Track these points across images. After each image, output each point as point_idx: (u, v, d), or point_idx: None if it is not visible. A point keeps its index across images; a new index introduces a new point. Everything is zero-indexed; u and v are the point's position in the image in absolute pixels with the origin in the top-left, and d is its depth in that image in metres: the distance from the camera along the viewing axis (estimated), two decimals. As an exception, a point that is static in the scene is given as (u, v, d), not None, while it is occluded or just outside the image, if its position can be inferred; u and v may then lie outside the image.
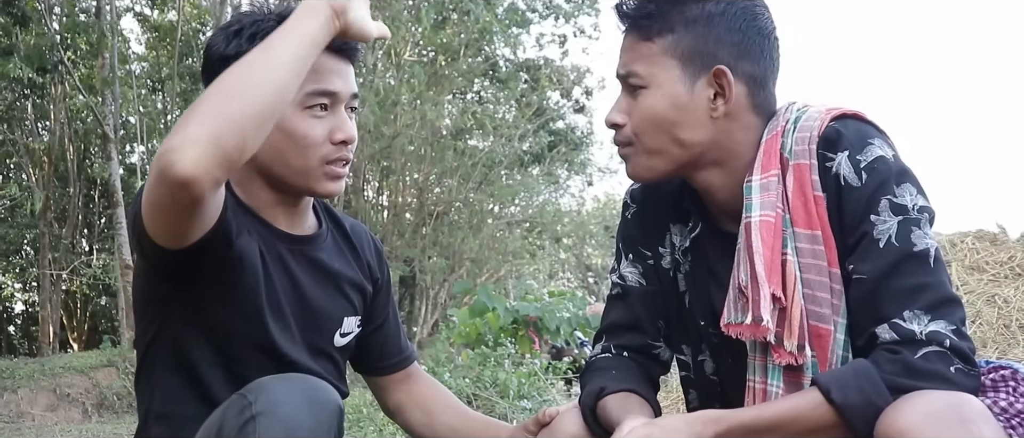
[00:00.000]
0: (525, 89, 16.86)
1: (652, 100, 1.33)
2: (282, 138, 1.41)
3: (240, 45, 1.42)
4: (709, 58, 1.31)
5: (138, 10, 15.72)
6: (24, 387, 9.72)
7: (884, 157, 1.27)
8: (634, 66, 1.35)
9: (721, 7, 1.32)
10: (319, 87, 1.43)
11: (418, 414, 1.75)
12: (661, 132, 1.34)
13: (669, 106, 1.33)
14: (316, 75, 1.40)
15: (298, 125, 1.42)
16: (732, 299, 1.33)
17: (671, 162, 1.36)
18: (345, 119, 1.46)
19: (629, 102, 1.36)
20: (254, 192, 1.49)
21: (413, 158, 15.69)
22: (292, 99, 1.32)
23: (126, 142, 15.50)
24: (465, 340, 9.41)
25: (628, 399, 1.39)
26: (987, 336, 3.06)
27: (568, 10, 16.01)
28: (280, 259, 1.50)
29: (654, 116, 1.33)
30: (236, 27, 1.46)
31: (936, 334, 1.18)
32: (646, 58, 1.34)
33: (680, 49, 1.32)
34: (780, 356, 1.29)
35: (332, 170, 1.46)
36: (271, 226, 1.50)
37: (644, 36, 1.34)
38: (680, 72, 1.32)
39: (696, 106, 1.33)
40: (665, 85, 1.33)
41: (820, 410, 1.19)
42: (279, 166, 1.45)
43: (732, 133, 1.34)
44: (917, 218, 1.24)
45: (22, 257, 18.42)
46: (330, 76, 1.45)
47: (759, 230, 1.30)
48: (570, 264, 29.38)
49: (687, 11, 1.32)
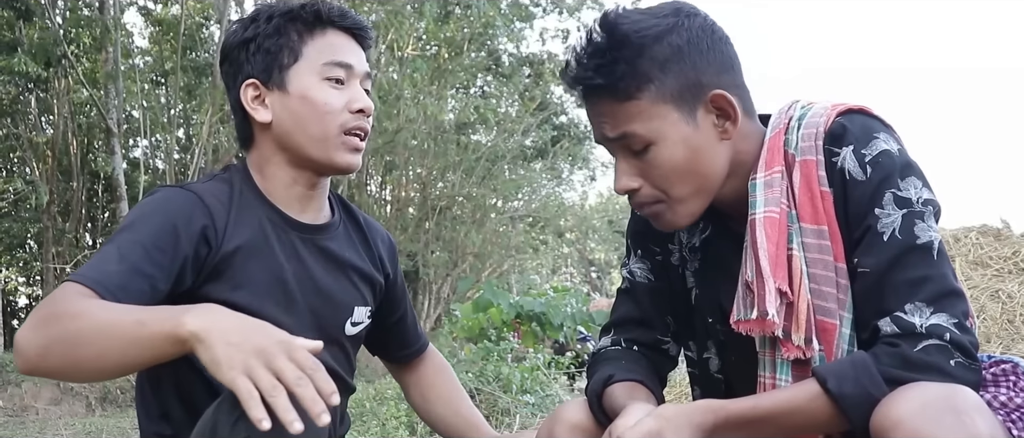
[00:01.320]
0: (528, 83, 16.86)
1: (667, 153, 1.29)
2: (302, 105, 1.49)
3: (258, 27, 1.52)
4: (697, 88, 1.29)
5: (141, 4, 15.72)
6: (28, 381, 9.74)
7: (889, 151, 1.27)
8: (628, 127, 1.29)
9: (683, 37, 1.28)
10: (336, 58, 1.52)
11: (417, 397, 1.87)
12: (689, 177, 1.31)
13: (686, 151, 1.29)
14: (332, 49, 1.52)
15: (318, 93, 1.50)
16: (740, 295, 1.34)
17: (706, 198, 1.34)
18: (361, 91, 1.54)
19: (635, 163, 1.32)
20: (271, 173, 1.54)
21: (416, 153, 15.69)
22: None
23: (130, 136, 15.52)
24: (468, 334, 9.43)
25: (635, 388, 1.39)
26: (991, 331, 3.06)
27: (572, 5, 15.98)
28: (292, 246, 1.53)
29: (676, 167, 1.30)
30: (253, 15, 1.57)
31: (937, 327, 1.18)
32: (639, 116, 1.28)
33: (668, 92, 1.28)
34: (788, 350, 1.29)
35: (351, 141, 1.52)
36: (284, 214, 1.54)
37: (624, 96, 1.28)
38: (678, 114, 1.29)
39: (707, 138, 1.31)
40: (672, 133, 1.29)
41: (817, 401, 1.19)
42: (299, 135, 1.50)
43: (738, 144, 1.34)
44: (921, 211, 1.24)
45: (26, 251, 18.45)
46: (345, 50, 1.54)
47: (763, 226, 1.30)
48: (573, 259, 29.41)
49: (656, 54, 1.27)
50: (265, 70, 1.51)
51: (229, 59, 1.56)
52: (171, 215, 1.39)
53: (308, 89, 1.50)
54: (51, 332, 1.20)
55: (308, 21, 1.52)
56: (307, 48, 1.51)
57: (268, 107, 1.52)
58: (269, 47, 1.51)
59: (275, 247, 1.50)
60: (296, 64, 1.51)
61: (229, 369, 1.09)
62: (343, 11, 1.55)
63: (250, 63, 1.52)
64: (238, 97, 1.53)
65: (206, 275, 1.42)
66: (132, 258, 1.32)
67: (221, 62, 1.59)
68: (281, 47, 1.51)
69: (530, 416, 4.86)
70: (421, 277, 16.11)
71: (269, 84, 1.51)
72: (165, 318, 1.16)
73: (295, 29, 1.52)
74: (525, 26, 16.29)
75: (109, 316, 1.20)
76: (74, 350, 1.18)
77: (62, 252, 15.58)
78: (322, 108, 1.49)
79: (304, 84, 1.49)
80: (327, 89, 1.50)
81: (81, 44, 13.19)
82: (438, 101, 14.70)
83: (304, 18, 1.52)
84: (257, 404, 1.06)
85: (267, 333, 1.13)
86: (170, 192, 1.45)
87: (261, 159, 1.55)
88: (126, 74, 13.26)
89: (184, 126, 15.87)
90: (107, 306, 1.23)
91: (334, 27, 1.54)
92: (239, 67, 1.54)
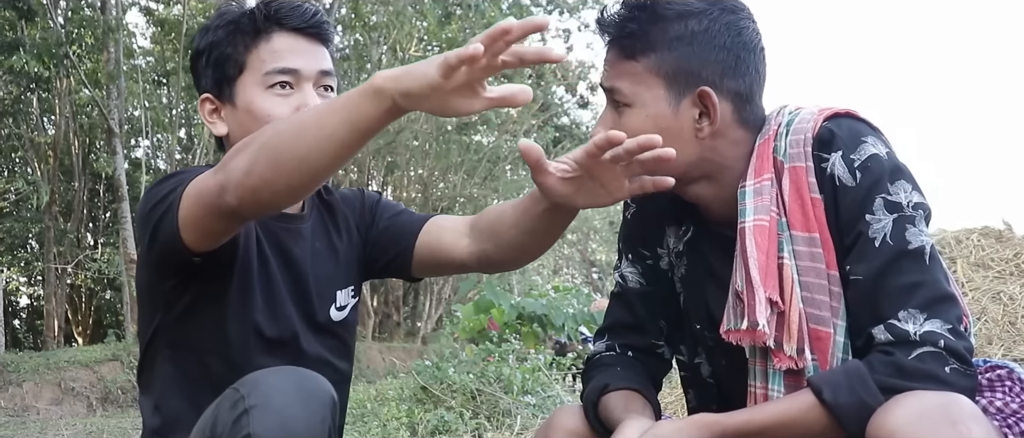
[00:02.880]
0: (530, 84, 16.87)
1: (636, 120, 1.30)
2: (248, 119, 1.46)
3: (209, 38, 1.50)
4: (693, 78, 1.29)
5: (143, 4, 15.75)
6: (29, 381, 9.76)
7: (878, 155, 1.26)
8: (618, 82, 1.32)
9: (704, 24, 1.28)
10: (278, 65, 1.46)
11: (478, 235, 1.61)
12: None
13: (653, 127, 1.28)
14: (274, 55, 1.46)
15: (263, 104, 1.46)
16: (730, 305, 1.32)
17: None
18: (312, 96, 1.47)
19: (614, 118, 1.33)
20: None
21: (417, 153, 15.71)
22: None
23: (131, 136, 15.55)
24: (469, 335, 9.43)
25: (631, 398, 1.38)
26: (992, 333, 3.05)
27: (572, 5, 15.99)
28: (275, 237, 1.52)
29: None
30: (212, 23, 1.53)
31: (931, 334, 1.17)
32: (630, 76, 1.31)
33: (664, 69, 1.28)
34: (780, 360, 1.28)
35: None
36: None
37: (627, 54, 1.31)
38: (665, 92, 1.29)
39: (681, 126, 1.30)
40: (650, 105, 1.30)
41: (813, 412, 1.19)
42: None
43: (719, 149, 1.33)
44: (912, 215, 1.23)
45: (27, 251, 18.48)
46: (289, 55, 1.47)
47: (753, 234, 1.29)
48: (574, 260, 29.41)
49: (670, 30, 1.28)
50: (216, 84, 1.50)
51: (193, 69, 1.55)
52: None
53: (252, 101, 1.46)
54: (254, 146, 1.19)
55: (249, 29, 1.48)
56: (251, 57, 1.47)
57: (223, 120, 1.51)
58: (217, 59, 1.48)
59: (262, 240, 1.49)
60: (240, 76, 1.48)
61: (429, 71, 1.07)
62: (289, 10, 1.49)
63: (204, 76, 1.51)
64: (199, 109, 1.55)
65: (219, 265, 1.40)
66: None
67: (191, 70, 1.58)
68: (227, 59, 1.48)
69: (531, 417, 4.86)
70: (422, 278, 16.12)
71: (222, 98, 1.50)
72: (356, 90, 1.14)
73: (240, 39, 1.48)
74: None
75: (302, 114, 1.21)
76: (277, 150, 1.16)
77: (63, 252, 15.61)
78: (265, 119, 1.43)
79: (248, 96, 1.46)
80: (272, 99, 1.46)
81: (83, 44, 13.21)
82: (440, 102, 14.69)
83: (243, 26, 1.48)
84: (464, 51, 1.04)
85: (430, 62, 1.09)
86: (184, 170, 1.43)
87: None
88: (128, 74, 13.28)
89: (185, 126, 15.89)
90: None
91: (280, 29, 1.48)
92: (197, 79, 1.54)
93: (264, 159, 1.17)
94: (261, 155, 1.18)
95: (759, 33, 1.34)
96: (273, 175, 1.17)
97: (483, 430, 4.72)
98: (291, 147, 1.16)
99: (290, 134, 1.16)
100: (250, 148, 1.19)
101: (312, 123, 1.15)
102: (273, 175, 1.17)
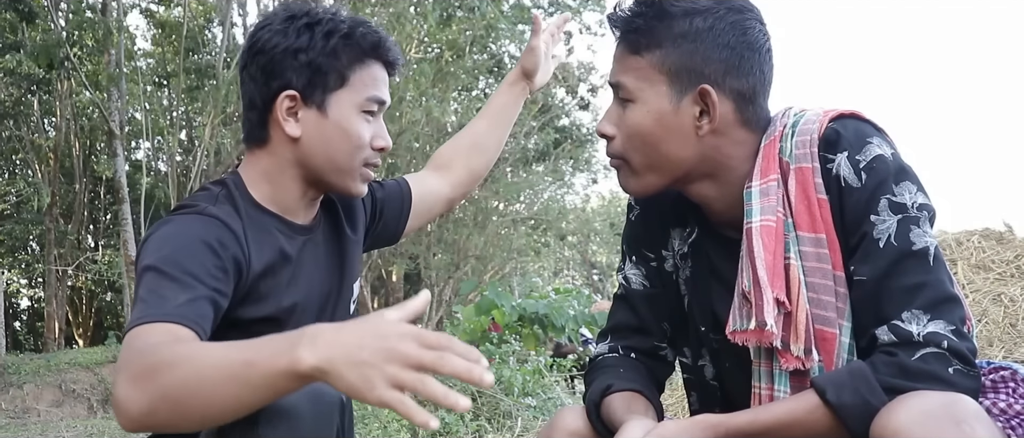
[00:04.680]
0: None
1: (638, 115, 1.33)
2: (339, 135, 1.47)
3: (313, 40, 1.45)
4: (696, 75, 1.29)
5: (144, 6, 15.76)
6: (30, 383, 9.76)
7: (883, 156, 1.26)
8: (623, 78, 1.34)
9: (709, 22, 1.29)
10: (377, 94, 1.50)
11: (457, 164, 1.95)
12: (647, 148, 1.33)
13: (655, 123, 1.32)
14: (374, 82, 1.50)
15: (356, 126, 1.48)
16: (737, 306, 1.32)
17: (661, 177, 1.36)
18: (384, 128, 1.54)
19: (619, 113, 1.36)
20: (283, 184, 1.51)
21: (419, 155, 15.68)
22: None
23: (132, 138, 15.55)
24: (470, 337, 9.42)
25: (633, 399, 1.38)
26: (993, 335, 3.05)
27: (573, 7, 15.98)
28: (300, 250, 1.52)
29: (639, 132, 1.33)
30: (304, 21, 1.47)
31: (934, 335, 1.18)
32: (634, 71, 1.33)
33: (668, 65, 1.30)
34: (787, 361, 1.28)
35: (367, 172, 1.53)
36: (289, 221, 1.52)
37: (633, 49, 1.33)
38: (667, 88, 1.31)
39: (682, 123, 1.31)
40: (651, 101, 1.32)
41: (817, 412, 1.19)
42: (323, 159, 1.48)
43: (721, 148, 1.33)
44: (916, 216, 1.23)
45: (28, 253, 18.48)
46: (383, 86, 1.52)
47: (760, 235, 1.29)
48: (575, 261, 29.39)
49: (675, 26, 1.30)
50: (309, 86, 1.46)
51: (270, 58, 1.47)
52: (210, 239, 1.34)
53: (346, 119, 1.48)
54: (153, 387, 1.10)
55: (363, 49, 1.49)
56: (354, 76, 1.48)
57: (300, 122, 1.47)
58: (320, 65, 1.46)
59: (291, 256, 1.49)
60: (340, 90, 1.47)
61: (371, 391, 0.98)
62: (391, 45, 1.53)
63: (294, 73, 1.46)
64: (268, 100, 1.48)
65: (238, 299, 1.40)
66: (191, 284, 1.27)
67: (253, 53, 1.49)
68: (331, 68, 1.46)
69: (532, 419, 4.85)
70: (423, 279, 16.12)
71: (308, 101, 1.47)
72: (276, 354, 1.03)
73: (347, 54, 1.47)
74: (527, 28, 16.28)
75: (212, 360, 1.08)
76: (182, 404, 1.08)
77: (64, 254, 15.61)
78: (356, 141, 1.48)
79: (344, 113, 1.47)
80: (362, 122, 1.49)
81: (84, 46, 13.22)
82: (441, 103, 14.70)
83: (361, 46, 1.49)
84: (416, 409, 0.97)
85: (384, 333, 1.00)
86: (195, 218, 1.39)
87: (273, 166, 1.50)
88: (129, 76, 13.28)
89: (186, 128, 15.89)
90: (204, 349, 1.13)
91: (379, 59, 1.52)
92: (280, 72, 1.47)
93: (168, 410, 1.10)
94: (164, 405, 1.10)
95: (767, 34, 1.34)
96: (178, 421, 1.11)
97: (484, 432, 4.72)
98: (201, 407, 1.08)
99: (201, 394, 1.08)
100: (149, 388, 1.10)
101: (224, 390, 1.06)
102: (178, 421, 1.11)
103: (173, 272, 1.27)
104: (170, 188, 12.88)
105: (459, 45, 15.32)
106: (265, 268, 1.44)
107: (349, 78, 1.47)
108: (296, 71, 1.46)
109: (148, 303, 1.23)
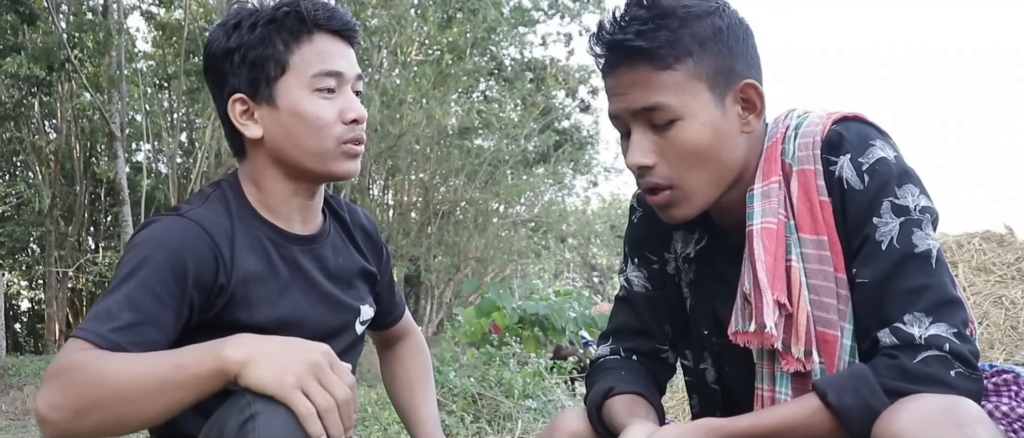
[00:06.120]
0: (531, 88, 16.88)
1: (692, 131, 1.26)
2: (296, 122, 1.43)
3: (242, 36, 1.44)
4: (731, 74, 1.27)
5: (145, 8, 15.76)
6: (29, 384, 9.74)
7: (885, 158, 1.26)
8: (660, 98, 1.25)
9: (725, 20, 1.28)
10: (326, 67, 1.44)
11: (386, 374, 1.88)
12: (708, 163, 1.27)
13: (711, 133, 1.26)
14: (320, 57, 1.43)
15: (309, 107, 1.43)
16: (739, 307, 1.32)
17: (716, 190, 1.31)
18: (354, 99, 1.47)
19: (655, 139, 1.28)
20: (268, 186, 1.49)
21: (419, 157, 15.71)
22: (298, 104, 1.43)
23: (132, 140, 15.55)
24: (470, 339, 9.42)
25: (635, 402, 1.38)
26: (994, 337, 3.05)
27: (573, 9, 16.00)
28: (294, 262, 1.49)
29: (698, 148, 1.26)
30: (235, 20, 1.47)
31: (936, 338, 1.17)
32: (673, 87, 1.25)
33: (704, 71, 1.25)
34: (788, 363, 1.28)
35: (349, 148, 1.47)
36: (283, 231, 1.50)
37: (662, 65, 1.24)
38: (710, 95, 1.26)
39: (730, 126, 1.28)
40: (701, 112, 1.26)
41: (818, 415, 1.19)
42: (294, 150, 1.45)
43: (751, 144, 1.33)
44: (919, 219, 1.23)
45: (28, 255, 18.47)
46: (334, 57, 1.46)
47: (761, 237, 1.29)
48: (575, 263, 29.41)
49: (697, 31, 1.25)
50: (252, 84, 1.44)
51: (215, 68, 1.47)
52: (179, 252, 1.34)
53: (298, 103, 1.42)
54: (79, 397, 1.16)
55: (293, 28, 1.44)
56: (294, 58, 1.43)
57: (258, 122, 1.45)
58: (254, 59, 1.43)
59: (279, 267, 1.46)
60: (284, 76, 1.43)
61: (281, 386, 1.14)
62: (330, 11, 1.46)
63: (235, 76, 1.44)
64: (225, 110, 1.47)
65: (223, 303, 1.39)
66: (144, 305, 1.28)
67: (205, 68, 1.50)
68: (267, 58, 1.43)
69: (532, 421, 4.85)
70: (423, 281, 16.12)
71: (257, 98, 1.44)
72: (203, 355, 1.18)
73: (280, 38, 1.43)
74: (528, 31, 16.32)
75: (141, 368, 1.18)
76: (113, 411, 1.17)
77: (65, 256, 15.60)
78: (315, 122, 1.42)
79: (293, 98, 1.42)
80: (318, 101, 1.43)
81: (84, 48, 13.21)
82: (441, 105, 14.71)
83: (288, 25, 1.43)
84: (315, 421, 1.14)
85: (309, 349, 1.19)
86: (172, 223, 1.38)
87: (256, 172, 1.49)
88: (129, 78, 13.28)
89: (187, 130, 15.89)
90: (132, 359, 1.20)
91: (321, 30, 1.45)
92: (224, 79, 1.46)
93: (95, 417, 1.17)
94: (94, 414, 1.17)
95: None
96: (105, 426, 1.18)
97: (484, 434, 4.72)
98: (133, 414, 1.18)
99: (130, 399, 1.17)
100: (78, 399, 1.17)
101: (156, 391, 1.17)
102: (105, 426, 1.18)
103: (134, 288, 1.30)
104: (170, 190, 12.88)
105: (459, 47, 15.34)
106: (250, 274, 1.42)
107: (288, 61, 1.43)
108: (235, 72, 1.45)
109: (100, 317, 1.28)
